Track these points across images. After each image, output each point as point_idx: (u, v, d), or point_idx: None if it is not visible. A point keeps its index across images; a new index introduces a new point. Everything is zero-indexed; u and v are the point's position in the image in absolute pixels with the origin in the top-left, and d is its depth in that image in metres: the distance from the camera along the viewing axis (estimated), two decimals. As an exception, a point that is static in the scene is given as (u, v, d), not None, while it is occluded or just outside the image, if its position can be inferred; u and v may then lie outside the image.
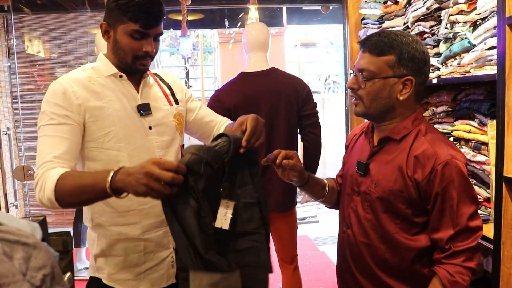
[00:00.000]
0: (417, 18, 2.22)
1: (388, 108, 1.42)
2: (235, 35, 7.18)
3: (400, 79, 1.38)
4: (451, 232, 1.33)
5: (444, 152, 1.34)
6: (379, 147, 1.48)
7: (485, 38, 1.70)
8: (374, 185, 1.44)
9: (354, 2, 2.98)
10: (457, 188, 1.32)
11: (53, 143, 1.40)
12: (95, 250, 1.57)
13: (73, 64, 5.37)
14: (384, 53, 1.37)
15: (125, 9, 1.43)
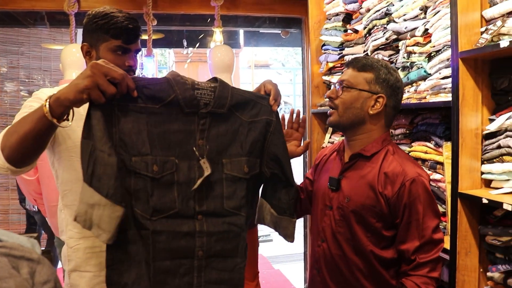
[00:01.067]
0: (376, 47, 2.39)
1: (359, 120, 1.55)
2: (192, 55, 7.25)
3: (373, 95, 1.53)
4: (417, 243, 1.45)
5: (411, 170, 1.48)
6: (351, 163, 1.59)
7: (439, 69, 1.89)
8: (347, 200, 1.54)
9: (315, 28, 3.15)
10: (422, 203, 1.46)
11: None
12: (69, 266, 1.56)
13: (24, 79, 5.23)
14: (364, 70, 1.55)
15: (107, 28, 1.53)
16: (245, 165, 1.38)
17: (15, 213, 4.94)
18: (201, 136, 1.32)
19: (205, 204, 1.33)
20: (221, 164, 1.35)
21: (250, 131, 1.41)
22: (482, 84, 1.72)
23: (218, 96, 1.36)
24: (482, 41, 1.60)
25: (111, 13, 1.55)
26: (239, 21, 3.89)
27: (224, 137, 1.36)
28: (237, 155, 1.38)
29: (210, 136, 1.34)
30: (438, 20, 1.87)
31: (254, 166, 1.42)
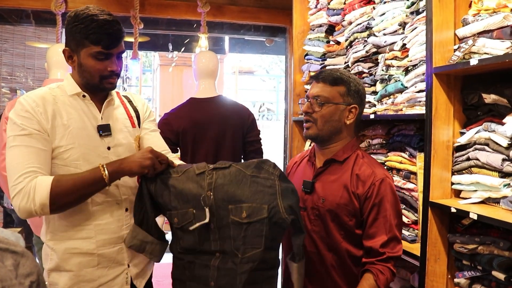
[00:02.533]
0: (357, 59, 2.48)
1: (337, 131, 1.69)
2: (177, 59, 7.27)
3: (348, 106, 1.69)
4: (385, 238, 1.59)
5: (380, 172, 1.66)
6: (324, 168, 1.72)
7: (415, 82, 1.97)
8: (322, 201, 1.67)
9: (299, 38, 3.23)
10: (390, 202, 1.62)
11: (29, 153, 1.45)
12: (48, 265, 1.57)
13: (6, 76, 5.19)
14: (337, 84, 1.68)
15: (86, 33, 1.48)
16: (245, 211, 1.52)
17: (-2, 211, 4.88)
18: (209, 188, 1.56)
19: (219, 244, 1.56)
20: (227, 210, 1.54)
21: (253, 183, 1.55)
22: (454, 99, 1.81)
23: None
24: (454, 58, 1.69)
25: (90, 16, 1.48)
26: (224, 28, 3.95)
27: (229, 186, 1.55)
28: (240, 202, 1.53)
29: (217, 187, 1.56)
30: (415, 36, 1.96)
31: (255, 212, 1.51)
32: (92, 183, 1.47)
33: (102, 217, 1.59)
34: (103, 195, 1.59)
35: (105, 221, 1.60)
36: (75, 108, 1.57)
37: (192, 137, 2.74)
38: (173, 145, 2.75)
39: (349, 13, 2.60)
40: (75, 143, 1.54)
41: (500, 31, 1.57)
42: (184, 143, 2.76)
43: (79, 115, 1.57)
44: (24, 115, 1.48)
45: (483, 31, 1.64)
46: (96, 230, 1.57)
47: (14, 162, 1.45)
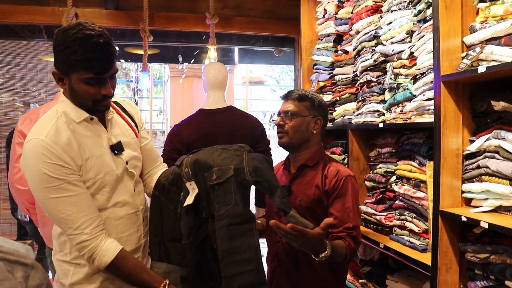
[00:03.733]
0: (365, 68, 2.48)
1: (305, 139, 1.95)
2: (187, 71, 7.33)
3: (313, 118, 1.96)
4: (351, 225, 1.79)
5: (344, 170, 1.92)
6: (298, 172, 1.97)
7: (423, 91, 1.96)
8: (299, 200, 1.90)
9: (307, 48, 3.24)
10: (352, 195, 1.85)
11: (78, 201, 1.46)
12: (70, 280, 1.55)
13: (19, 90, 5.27)
14: (303, 100, 1.96)
15: (76, 58, 1.37)
16: (214, 174, 1.59)
17: (6, 223, 4.93)
18: (186, 165, 1.64)
19: (207, 211, 1.62)
20: (204, 178, 1.61)
21: (223, 152, 1.66)
22: (463, 107, 1.80)
23: None
24: (462, 66, 1.68)
25: (80, 39, 1.36)
26: (233, 39, 3.98)
27: (201, 159, 1.63)
28: (211, 168, 1.62)
29: (192, 163, 1.63)
30: (423, 44, 1.96)
31: (224, 173, 1.59)
32: (145, 285, 1.50)
33: (123, 229, 1.61)
34: (124, 209, 1.61)
35: (127, 233, 1.61)
36: (88, 137, 1.53)
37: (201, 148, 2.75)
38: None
39: (357, 22, 2.61)
40: (101, 172, 1.53)
41: (508, 38, 1.56)
42: (194, 153, 2.77)
43: (94, 142, 1.54)
44: (49, 161, 1.42)
45: (491, 38, 1.63)
46: (120, 243, 1.57)
47: (64, 215, 1.45)
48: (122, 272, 1.49)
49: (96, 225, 1.47)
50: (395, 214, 2.23)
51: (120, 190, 1.59)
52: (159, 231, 1.66)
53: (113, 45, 1.45)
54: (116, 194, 1.58)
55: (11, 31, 4.01)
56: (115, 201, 1.58)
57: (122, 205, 1.59)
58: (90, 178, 1.51)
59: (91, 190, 1.52)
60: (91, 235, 1.45)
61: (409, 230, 2.10)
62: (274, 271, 1.98)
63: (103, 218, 1.55)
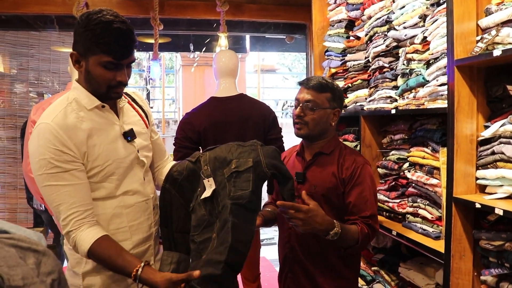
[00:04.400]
0: (377, 54, 2.44)
1: (324, 131, 1.93)
2: (199, 59, 7.32)
3: (333, 110, 1.92)
4: (368, 213, 1.80)
5: (361, 160, 1.92)
6: (313, 160, 1.95)
7: (437, 76, 1.93)
8: (314, 187, 1.89)
9: (318, 34, 3.20)
10: (369, 185, 1.84)
11: (70, 192, 1.45)
12: (83, 269, 1.56)
13: (33, 81, 5.31)
14: (324, 90, 1.90)
15: (97, 41, 1.39)
16: (233, 164, 1.63)
17: (23, 212, 5.01)
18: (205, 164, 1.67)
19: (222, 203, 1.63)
20: (223, 174, 1.64)
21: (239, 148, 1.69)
22: (478, 92, 1.76)
23: None
24: (477, 50, 1.64)
25: (104, 23, 1.39)
26: (244, 27, 3.95)
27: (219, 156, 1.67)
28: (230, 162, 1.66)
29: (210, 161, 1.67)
30: (436, 28, 1.92)
31: (242, 164, 1.63)
32: (121, 271, 1.47)
33: (134, 217, 1.61)
34: (134, 197, 1.61)
35: (138, 221, 1.62)
36: (98, 123, 1.53)
37: (213, 136, 2.75)
38: (194, 144, 2.76)
39: (369, 7, 2.56)
40: (109, 159, 1.53)
41: (524, 20, 1.52)
42: (205, 142, 2.77)
43: (104, 130, 1.54)
44: (52, 146, 1.43)
45: (507, 20, 1.59)
46: (131, 231, 1.59)
47: (56, 202, 1.46)
48: (101, 259, 1.46)
49: (83, 217, 1.47)
50: (408, 201, 2.20)
51: (129, 178, 1.59)
52: (168, 223, 1.67)
53: (134, 34, 1.47)
54: (125, 182, 1.58)
55: (23, 21, 4.04)
56: (125, 189, 1.58)
57: (132, 193, 1.60)
58: (97, 165, 1.51)
59: (98, 178, 1.52)
60: (73, 226, 1.45)
61: (422, 217, 2.08)
62: (286, 257, 1.98)
63: (113, 207, 1.56)
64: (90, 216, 1.49)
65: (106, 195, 1.55)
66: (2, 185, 4.92)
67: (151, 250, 1.67)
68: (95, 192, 1.54)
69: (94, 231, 1.47)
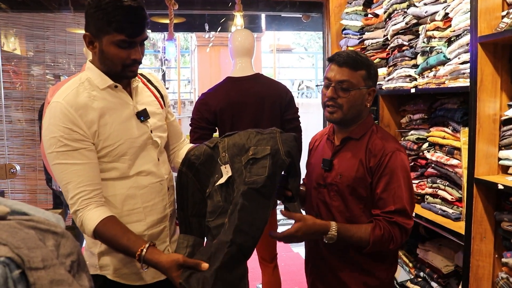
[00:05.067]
0: (396, 32, 2.38)
1: (359, 113, 1.70)
2: (214, 39, 7.27)
3: (368, 89, 1.69)
4: (392, 208, 1.58)
5: (391, 145, 1.65)
6: (341, 146, 1.74)
7: (459, 53, 1.87)
8: (339, 177, 1.70)
9: (335, 12, 3.13)
10: (398, 174, 1.60)
11: (79, 171, 1.45)
12: (98, 249, 1.58)
13: (50, 63, 5.34)
14: (359, 68, 1.66)
15: (109, 20, 1.39)
16: (251, 151, 1.61)
17: (43, 193, 5.10)
18: (223, 150, 1.66)
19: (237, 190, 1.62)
20: (241, 162, 1.62)
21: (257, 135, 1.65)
22: (502, 70, 1.71)
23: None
24: (502, 26, 1.59)
25: (114, 2, 1.39)
26: (260, 5, 3.89)
27: (238, 143, 1.64)
28: (248, 149, 1.63)
29: (229, 148, 1.65)
30: (459, 4, 1.86)
31: (260, 151, 1.60)
32: (126, 251, 1.46)
33: (149, 198, 1.61)
34: (148, 178, 1.61)
35: (152, 202, 1.62)
36: (111, 102, 1.53)
37: (229, 116, 2.74)
38: (211, 125, 2.76)
39: (388, -17, 2.49)
40: (121, 139, 1.52)
41: (552, -6, 1.46)
42: (222, 122, 2.76)
43: (117, 109, 1.54)
44: (62, 125, 1.44)
45: (534, -5, 1.53)
46: (146, 212, 1.59)
47: (64, 180, 1.46)
48: (106, 239, 1.46)
49: (90, 197, 1.47)
50: (427, 182, 2.17)
51: (143, 159, 1.59)
52: (184, 206, 1.67)
53: (145, 10, 1.46)
54: (138, 162, 1.58)
55: (38, 3, 4.04)
56: (139, 170, 1.58)
57: (146, 174, 1.60)
58: (108, 145, 1.51)
59: (110, 158, 1.52)
60: (80, 205, 1.46)
61: (442, 198, 2.05)
62: (310, 250, 1.87)
63: (127, 187, 1.56)
64: (98, 196, 1.49)
65: (119, 176, 1.55)
66: (21, 166, 4.99)
67: (166, 231, 1.67)
68: (107, 172, 1.54)
69: (101, 210, 1.47)
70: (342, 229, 1.58)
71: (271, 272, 3.06)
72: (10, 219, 0.99)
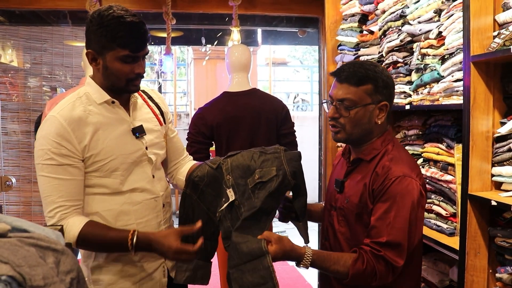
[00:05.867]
0: (391, 49, 2.42)
1: (368, 132, 1.55)
2: (211, 53, 7.32)
3: (377, 104, 1.52)
4: (384, 239, 1.41)
5: (398, 170, 1.46)
6: (353, 167, 1.61)
7: (452, 71, 1.90)
8: (346, 201, 1.57)
9: (331, 28, 3.18)
10: (398, 203, 1.42)
11: (60, 186, 1.47)
12: (92, 263, 1.59)
13: (46, 75, 5.35)
14: (362, 83, 1.50)
15: (113, 36, 1.43)
16: (257, 175, 1.60)
17: (37, 205, 5.07)
18: (227, 172, 1.66)
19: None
20: (246, 184, 1.62)
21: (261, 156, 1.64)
22: (494, 88, 1.74)
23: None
24: (494, 45, 1.62)
25: (117, 18, 1.43)
26: (256, 20, 3.94)
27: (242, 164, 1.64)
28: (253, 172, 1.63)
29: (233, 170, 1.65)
30: (452, 23, 1.89)
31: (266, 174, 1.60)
32: (116, 243, 1.48)
33: (142, 214, 1.62)
34: (142, 194, 1.62)
35: (146, 218, 1.63)
36: (107, 117, 1.55)
37: (226, 131, 2.77)
38: (207, 139, 2.78)
39: (383, 1, 2.53)
40: (113, 154, 1.54)
41: (542, 15, 1.50)
42: (218, 137, 2.79)
43: (112, 124, 1.56)
44: (53, 139, 1.46)
45: (525, 16, 1.57)
46: (139, 228, 1.58)
47: (45, 193, 1.48)
48: (92, 239, 1.47)
49: (68, 212, 1.48)
50: (422, 197, 2.19)
51: (136, 175, 1.60)
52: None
53: (146, 26, 1.50)
54: (132, 179, 1.59)
55: (37, 17, 4.06)
56: (132, 186, 1.59)
57: (140, 191, 1.61)
58: (99, 160, 1.52)
59: (102, 173, 1.53)
60: (59, 218, 1.47)
61: (436, 213, 2.07)
62: (321, 277, 1.80)
63: (120, 203, 1.57)
64: (76, 211, 1.51)
65: (111, 191, 1.56)
66: (17, 178, 4.97)
67: None
68: (99, 187, 1.55)
69: (82, 217, 1.50)
70: (318, 259, 1.45)
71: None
72: (11, 237, 1.00)
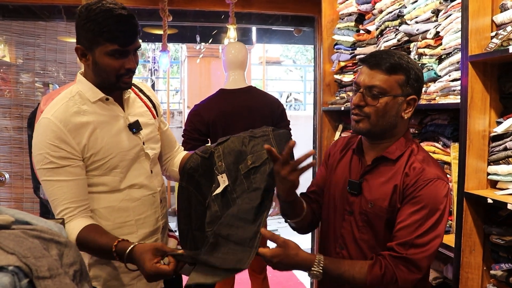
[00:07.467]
0: (388, 48, 2.44)
1: (392, 126, 1.44)
2: (205, 51, 7.30)
3: (406, 98, 1.42)
4: (406, 239, 1.34)
5: (432, 172, 1.39)
6: (373, 166, 1.48)
7: (449, 71, 1.93)
8: (370, 205, 1.43)
9: (328, 27, 3.19)
10: (430, 206, 1.35)
11: (63, 187, 1.46)
12: (89, 260, 1.57)
13: (39, 71, 5.30)
14: (395, 71, 1.39)
15: (100, 30, 1.38)
16: (249, 160, 1.61)
17: (29, 201, 5.03)
18: (219, 160, 1.66)
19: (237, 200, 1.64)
20: (238, 170, 1.63)
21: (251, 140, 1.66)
22: (491, 88, 1.76)
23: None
24: (491, 46, 1.64)
25: (104, 12, 1.38)
26: (252, 18, 3.94)
27: (233, 150, 1.65)
28: (245, 157, 1.64)
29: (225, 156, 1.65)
30: (449, 23, 1.92)
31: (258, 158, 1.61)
32: (104, 250, 1.44)
33: (141, 210, 1.62)
34: (141, 191, 1.61)
35: (144, 214, 1.62)
36: (102, 116, 1.53)
37: (222, 128, 2.77)
38: (203, 136, 2.78)
39: (380, 1, 2.55)
40: (113, 152, 1.53)
41: (540, 16, 1.52)
42: (214, 134, 2.79)
43: (108, 122, 1.54)
44: (50, 142, 1.44)
45: (522, 16, 1.59)
46: (138, 225, 1.60)
47: (51, 196, 1.48)
48: (87, 244, 1.44)
49: (74, 213, 1.48)
50: (417, 195, 2.21)
51: (135, 171, 1.59)
52: (188, 221, 1.66)
53: (136, 19, 1.46)
54: (131, 175, 1.58)
55: (30, 11, 4.02)
56: (131, 183, 1.58)
57: (139, 187, 1.60)
58: (99, 159, 1.51)
59: (101, 171, 1.53)
60: (66, 220, 1.47)
61: (432, 211, 2.09)
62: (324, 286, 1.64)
63: (119, 200, 1.56)
64: (83, 212, 1.50)
65: (110, 189, 1.55)
66: (8, 175, 4.93)
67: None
68: (99, 185, 1.55)
69: (84, 220, 1.48)
70: (331, 265, 1.34)
71: (260, 283, 3.07)
72: (14, 229, 1.00)
